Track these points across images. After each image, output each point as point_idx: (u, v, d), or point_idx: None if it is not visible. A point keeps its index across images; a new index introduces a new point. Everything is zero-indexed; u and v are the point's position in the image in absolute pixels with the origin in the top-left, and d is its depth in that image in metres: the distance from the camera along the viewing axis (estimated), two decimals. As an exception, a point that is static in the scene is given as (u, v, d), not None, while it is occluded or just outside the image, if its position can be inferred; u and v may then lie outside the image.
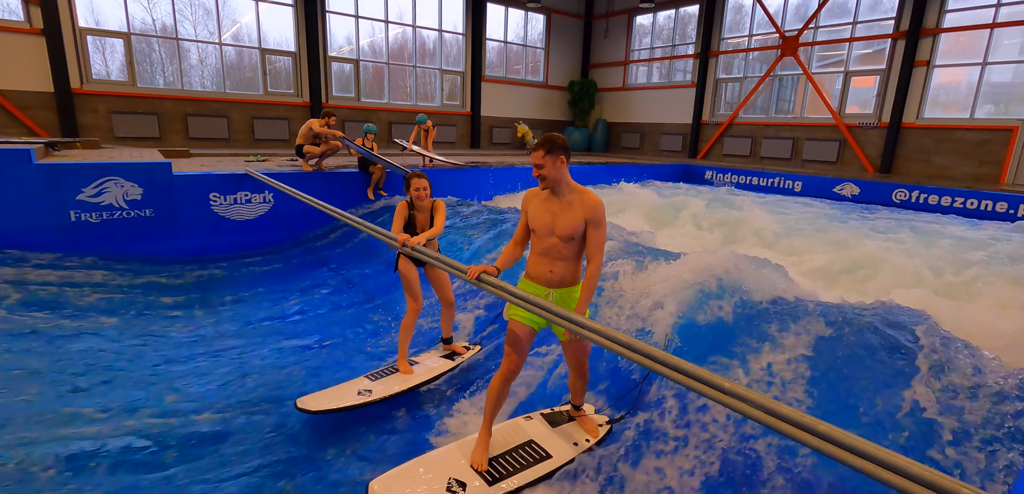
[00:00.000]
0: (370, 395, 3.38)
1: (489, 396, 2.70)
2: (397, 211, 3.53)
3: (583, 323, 2.19)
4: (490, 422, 2.72)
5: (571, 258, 2.56)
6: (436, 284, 3.84)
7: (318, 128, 7.93)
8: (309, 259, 7.14)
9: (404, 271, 3.70)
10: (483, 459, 2.66)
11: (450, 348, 4.05)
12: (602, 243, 2.50)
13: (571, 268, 2.58)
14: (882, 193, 10.90)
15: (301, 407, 3.17)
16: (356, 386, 3.48)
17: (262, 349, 4.47)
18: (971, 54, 11.49)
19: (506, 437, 2.89)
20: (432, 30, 15.79)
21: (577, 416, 3.08)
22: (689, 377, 1.74)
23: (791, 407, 1.51)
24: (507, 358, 2.67)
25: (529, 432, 2.95)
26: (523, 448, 2.82)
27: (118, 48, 11.56)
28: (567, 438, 2.93)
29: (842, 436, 1.40)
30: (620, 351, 2.00)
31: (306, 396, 3.30)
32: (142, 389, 3.70)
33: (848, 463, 1.40)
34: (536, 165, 2.47)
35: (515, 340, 2.65)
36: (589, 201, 2.48)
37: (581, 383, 2.94)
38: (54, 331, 4.48)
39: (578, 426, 3.05)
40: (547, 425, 3.03)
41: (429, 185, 3.56)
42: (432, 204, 3.60)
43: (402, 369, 3.70)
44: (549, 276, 2.58)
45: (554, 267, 2.56)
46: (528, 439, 2.90)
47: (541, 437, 2.92)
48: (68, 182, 6.23)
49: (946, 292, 5.39)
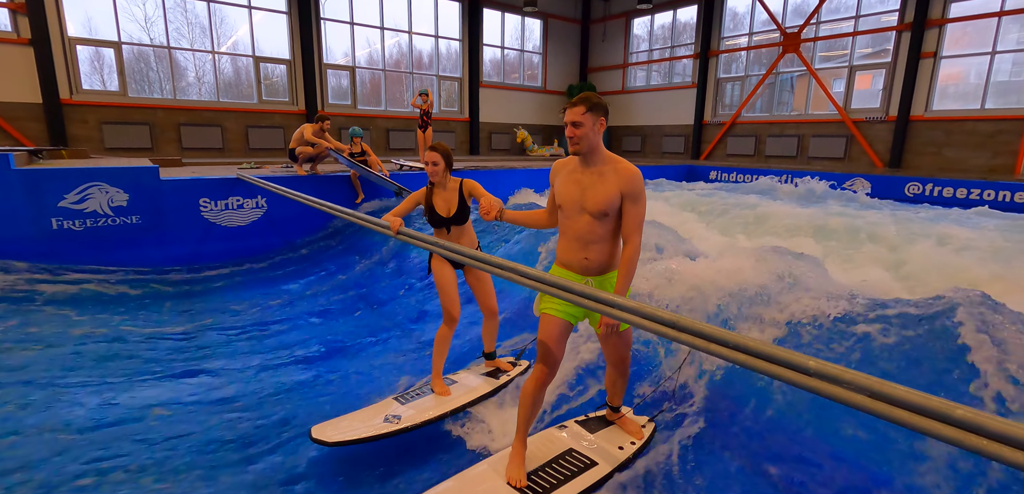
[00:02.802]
0: (399, 422, 2.86)
1: (521, 405, 2.34)
2: (411, 194, 3.07)
3: (629, 306, 1.80)
4: (525, 433, 2.37)
5: (607, 238, 2.20)
6: (477, 288, 3.25)
7: (310, 135, 7.66)
8: (306, 265, 6.80)
9: (438, 273, 3.14)
10: (521, 474, 2.31)
11: (493, 365, 3.48)
12: (641, 220, 2.14)
13: (608, 250, 2.23)
14: (894, 187, 10.60)
15: (317, 438, 2.66)
16: (383, 410, 2.98)
17: (257, 363, 4.08)
18: (979, 44, 11.27)
19: (542, 449, 2.55)
20: (429, 37, 15.60)
21: (616, 418, 2.74)
22: (766, 360, 1.40)
23: (908, 388, 1.18)
24: (541, 359, 2.31)
25: (567, 441, 2.62)
26: (563, 458, 2.48)
27: (109, 58, 11.30)
28: (610, 442, 2.60)
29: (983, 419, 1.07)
30: (668, 333, 1.66)
31: (322, 424, 2.78)
32: (123, 408, 3.33)
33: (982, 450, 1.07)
34: (573, 123, 2.10)
35: (549, 338, 2.28)
36: (625, 171, 2.12)
37: (622, 381, 2.61)
38: (29, 342, 4.13)
39: (619, 429, 2.70)
40: (585, 432, 2.68)
41: (441, 159, 2.96)
42: (460, 184, 3.00)
43: (437, 390, 3.18)
44: (585, 263, 2.22)
45: (590, 253, 2.21)
46: (567, 448, 2.56)
47: (581, 445, 2.58)
48: (49, 188, 5.91)
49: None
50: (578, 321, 2.35)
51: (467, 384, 3.30)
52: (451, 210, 3.02)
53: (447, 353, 3.24)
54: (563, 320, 2.28)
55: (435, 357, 3.20)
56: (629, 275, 2.14)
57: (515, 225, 2.42)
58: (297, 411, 3.37)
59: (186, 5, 11.98)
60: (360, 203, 8.07)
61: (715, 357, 1.54)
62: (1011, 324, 2.48)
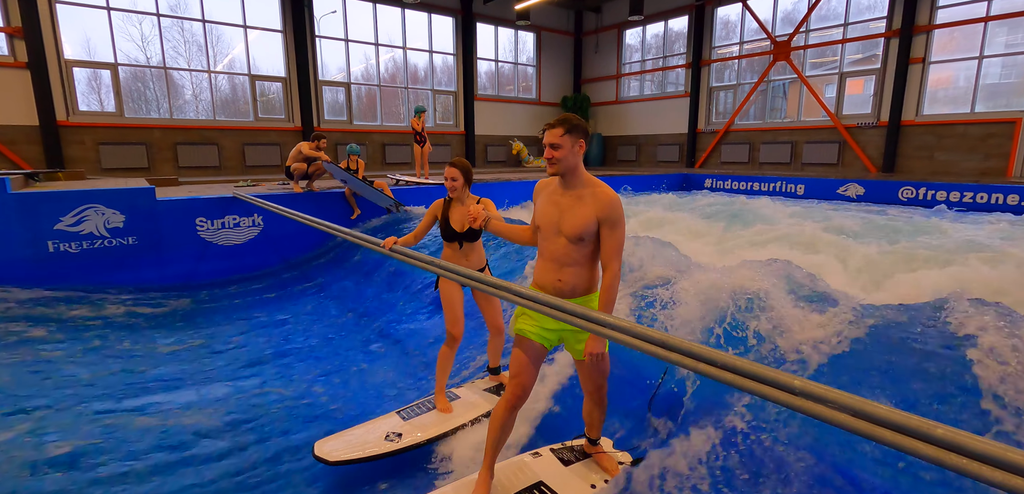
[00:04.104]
0: (400, 441, 2.85)
1: (491, 428, 2.29)
2: (429, 210, 3.12)
3: (608, 322, 1.85)
4: (492, 460, 2.32)
5: (582, 263, 2.16)
6: (484, 305, 3.29)
7: (308, 151, 7.70)
8: (303, 282, 6.81)
9: (444, 290, 3.17)
10: None
11: (498, 380, 3.49)
12: (620, 246, 2.10)
13: (584, 275, 2.18)
14: (888, 192, 10.69)
15: (319, 455, 2.69)
16: (385, 426, 2.98)
17: (256, 382, 4.08)
18: (966, 49, 11.42)
19: (511, 478, 2.49)
20: (423, 51, 15.73)
21: (593, 451, 2.65)
22: (753, 379, 1.43)
23: (890, 407, 1.20)
24: (513, 380, 2.26)
25: (537, 471, 2.54)
26: (531, 491, 2.43)
27: (106, 79, 11.36)
28: (582, 478, 2.51)
29: (963, 438, 1.09)
30: (655, 352, 1.68)
31: (325, 440, 2.80)
32: (121, 428, 3.32)
33: (962, 469, 1.09)
34: (551, 145, 2.07)
35: (523, 359, 2.25)
36: (603, 197, 2.08)
37: (599, 412, 2.51)
38: (25, 367, 4.12)
39: (595, 464, 2.61)
40: (558, 462, 2.62)
41: (461, 175, 2.97)
42: (477, 201, 2.95)
43: (440, 406, 3.17)
44: (558, 285, 2.18)
45: (563, 275, 2.16)
46: (536, 480, 2.48)
47: (552, 477, 2.50)
48: (45, 211, 5.92)
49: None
50: (552, 346, 2.32)
51: (469, 400, 3.29)
52: (465, 226, 3.06)
53: (450, 370, 3.26)
54: (538, 344, 2.25)
55: (438, 374, 3.21)
56: (610, 302, 2.10)
57: (500, 237, 2.42)
58: (297, 428, 3.38)
59: (183, 25, 12.08)
60: (355, 219, 8.09)
61: (703, 376, 1.56)
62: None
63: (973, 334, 2.57)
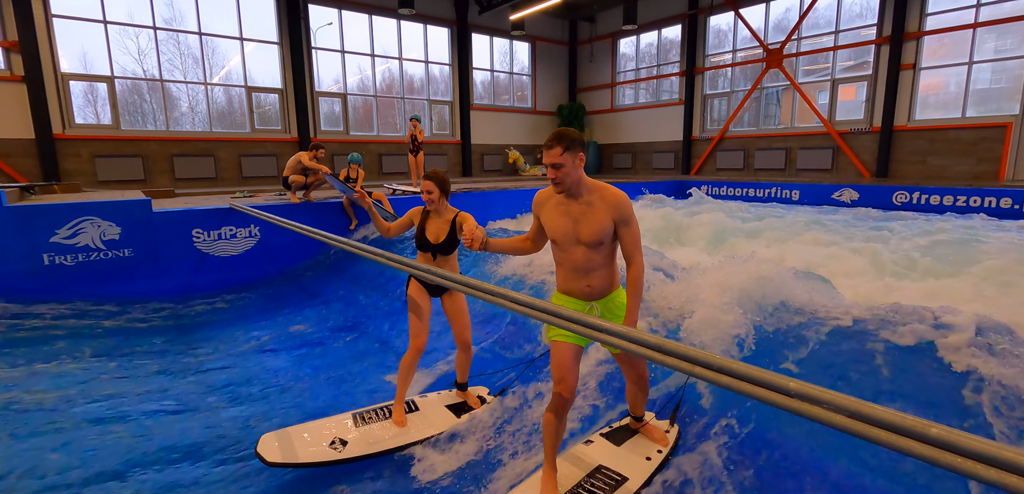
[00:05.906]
0: (343, 450, 2.82)
1: (545, 433, 2.33)
2: (408, 213, 3.11)
3: (637, 338, 1.79)
4: (553, 457, 2.36)
5: (605, 264, 2.25)
6: (453, 318, 3.20)
7: (307, 161, 7.72)
8: (301, 293, 6.79)
9: (412, 296, 3.12)
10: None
11: (463, 397, 3.42)
12: (638, 240, 2.19)
13: (607, 274, 2.27)
14: (882, 196, 10.77)
15: (261, 454, 2.67)
16: (333, 430, 2.96)
17: (255, 392, 4.06)
18: (956, 55, 11.57)
19: (571, 469, 2.54)
20: (419, 62, 15.81)
21: (640, 427, 2.77)
22: (749, 382, 1.43)
23: (885, 408, 1.21)
24: (558, 386, 2.27)
25: (595, 457, 2.61)
26: (594, 476, 2.48)
27: (102, 92, 11.37)
28: (637, 453, 2.61)
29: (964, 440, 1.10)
30: (655, 357, 1.68)
31: (269, 435, 2.83)
32: (121, 441, 3.30)
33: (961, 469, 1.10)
34: (553, 165, 2.09)
35: (564, 362, 2.26)
36: (612, 198, 2.14)
37: (642, 394, 2.64)
38: (18, 378, 4.09)
39: (644, 437, 2.73)
40: (611, 445, 2.69)
41: (436, 187, 2.95)
42: (455, 215, 3.02)
43: (396, 417, 3.11)
44: (588, 290, 2.26)
45: (591, 280, 2.24)
46: (596, 465, 2.55)
47: (609, 459, 2.58)
48: (41, 224, 5.90)
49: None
50: (586, 343, 2.37)
51: (427, 416, 3.24)
52: (440, 238, 3.02)
53: (411, 380, 3.22)
54: (573, 345, 2.29)
55: (399, 383, 3.15)
56: (638, 295, 2.17)
57: (500, 253, 2.44)
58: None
59: (179, 37, 12.12)
60: (354, 229, 8.10)
61: (701, 380, 1.57)
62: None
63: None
